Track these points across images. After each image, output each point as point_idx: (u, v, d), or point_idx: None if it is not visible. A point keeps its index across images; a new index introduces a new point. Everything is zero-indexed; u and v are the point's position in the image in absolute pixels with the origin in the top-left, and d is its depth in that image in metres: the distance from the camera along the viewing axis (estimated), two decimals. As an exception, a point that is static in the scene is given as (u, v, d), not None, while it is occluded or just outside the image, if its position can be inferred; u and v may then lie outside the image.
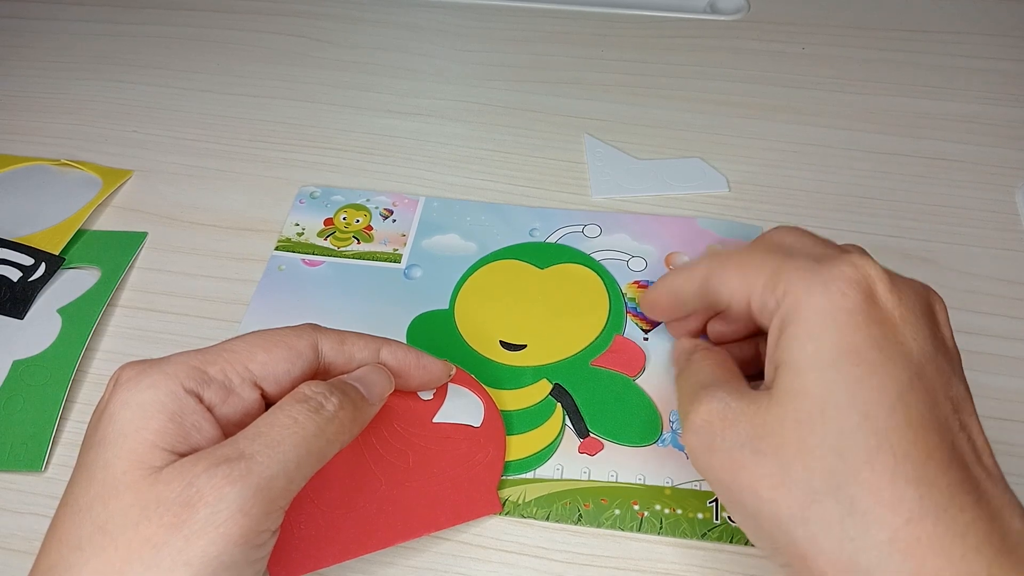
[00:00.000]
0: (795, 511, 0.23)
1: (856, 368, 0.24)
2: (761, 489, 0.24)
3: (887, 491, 0.22)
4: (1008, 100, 0.48)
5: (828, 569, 0.23)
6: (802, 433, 0.24)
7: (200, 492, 0.23)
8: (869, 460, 0.23)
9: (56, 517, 0.25)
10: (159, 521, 0.23)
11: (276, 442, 0.25)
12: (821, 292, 0.25)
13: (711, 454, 0.26)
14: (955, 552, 0.22)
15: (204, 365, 0.26)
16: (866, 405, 0.23)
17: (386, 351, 0.31)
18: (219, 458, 0.24)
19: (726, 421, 0.26)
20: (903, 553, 0.22)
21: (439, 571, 0.31)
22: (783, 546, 0.24)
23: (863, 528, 0.22)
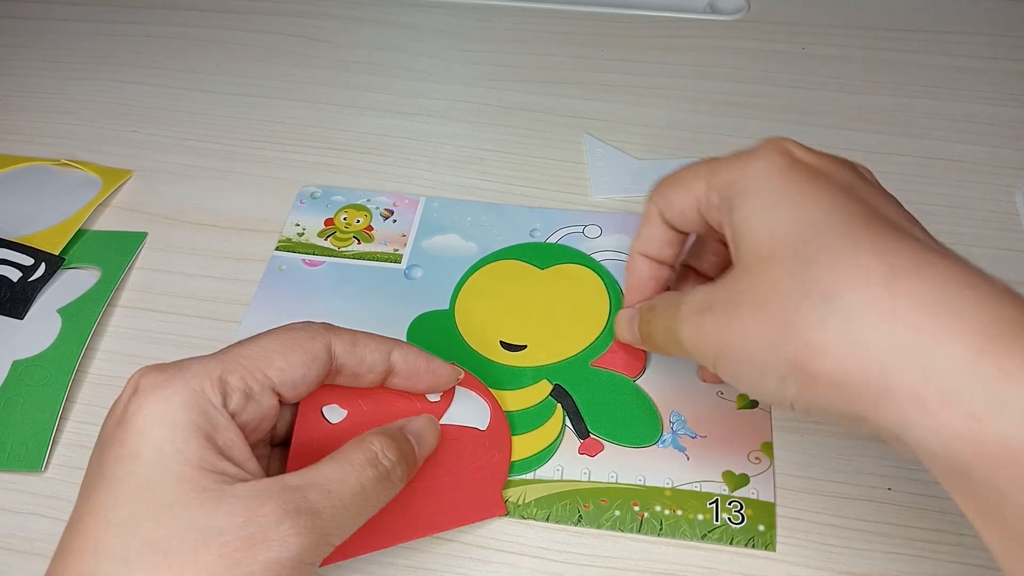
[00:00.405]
0: (781, 331, 0.24)
1: (795, 200, 0.26)
2: (750, 331, 0.25)
3: (852, 270, 0.23)
4: (1008, 100, 0.48)
5: (828, 362, 0.23)
6: (768, 269, 0.25)
7: (265, 534, 0.24)
8: (832, 250, 0.24)
9: (84, 526, 0.24)
10: (219, 550, 0.23)
11: (344, 504, 0.26)
12: (752, 165, 0.27)
13: (703, 330, 0.27)
14: (933, 295, 0.22)
15: (226, 375, 0.26)
16: (812, 216, 0.25)
17: (397, 353, 0.31)
18: (288, 505, 0.24)
19: (709, 298, 0.27)
20: (884, 312, 0.22)
21: (439, 571, 0.31)
22: (793, 373, 0.24)
23: (838, 308, 0.23)
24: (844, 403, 0.23)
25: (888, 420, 0.22)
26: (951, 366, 0.21)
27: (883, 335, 0.22)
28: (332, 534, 0.25)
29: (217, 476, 0.25)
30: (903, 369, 0.21)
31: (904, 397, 0.21)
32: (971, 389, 0.20)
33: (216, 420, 0.26)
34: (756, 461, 0.33)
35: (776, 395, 0.25)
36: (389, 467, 0.27)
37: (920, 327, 0.21)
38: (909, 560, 0.30)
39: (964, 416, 0.20)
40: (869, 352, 0.22)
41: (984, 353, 0.21)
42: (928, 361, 0.21)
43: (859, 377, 0.22)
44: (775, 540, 0.31)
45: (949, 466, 0.21)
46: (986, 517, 0.21)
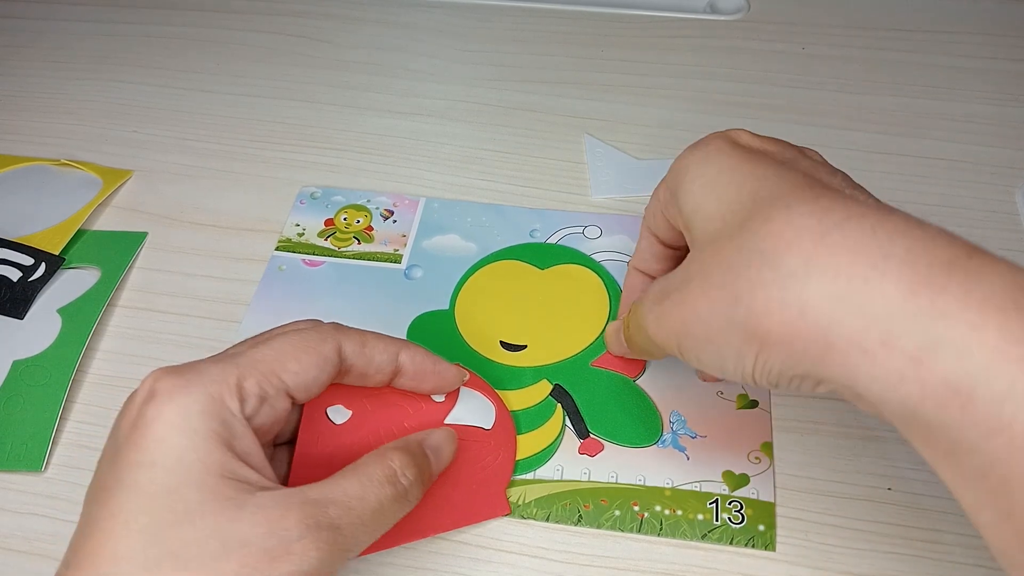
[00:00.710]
0: (729, 301, 0.24)
1: (734, 177, 0.26)
2: (701, 307, 0.25)
3: (787, 229, 0.23)
4: (1008, 100, 0.48)
5: (773, 321, 0.23)
6: (714, 244, 0.26)
7: (287, 547, 0.24)
8: (768, 216, 0.24)
9: (100, 531, 0.24)
10: (240, 560, 0.23)
11: (362, 521, 0.26)
12: (692, 153, 0.29)
13: (663, 317, 0.28)
14: (863, 243, 0.22)
15: (241, 380, 0.26)
16: (752, 188, 0.25)
17: (404, 354, 0.31)
18: (310, 519, 0.24)
19: (665, 285, 0.28)
20: (819, 265, 0.22)
21: (439, 571, 0.31)
22: (746, 341, 0.24)
23: (777, 267, 0.23)
24: (796, 364, 0.23)
25: (837, 373, 0.22)
26: (887, 310, 0.21)
27: (820, 289, 0.22)
28: (349, 549, 0.25)
29: (238, 484, 0.25)
30: (842, 319, 0.22)
31: (848, 347, 0.22)
32: (909, 331, 0.21)
33: (235, 428, 0.26)
34: (756, 461, 0.33)
35: (737, 369, 0.25)
36: (407, 486, 0.27)
37: (852, 275, 0.22)
38: (909, 560, 0.30)
39: (905, 358, 0.21)
40: (809, 308, 0.22)
41: (918, 294, 0.21)
42: (864, 308, 0.21)
43: (804, 334, 0.22)
44: (775, 540, 0.31)
45: (900, 411, 0.21)
46: (942, 459, 0.21)
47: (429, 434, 0.31)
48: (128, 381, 0.37)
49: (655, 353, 0.31)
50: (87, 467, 0.34)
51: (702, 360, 0.27)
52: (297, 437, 0.30)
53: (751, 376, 0.25)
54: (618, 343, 0.34)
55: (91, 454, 0.35)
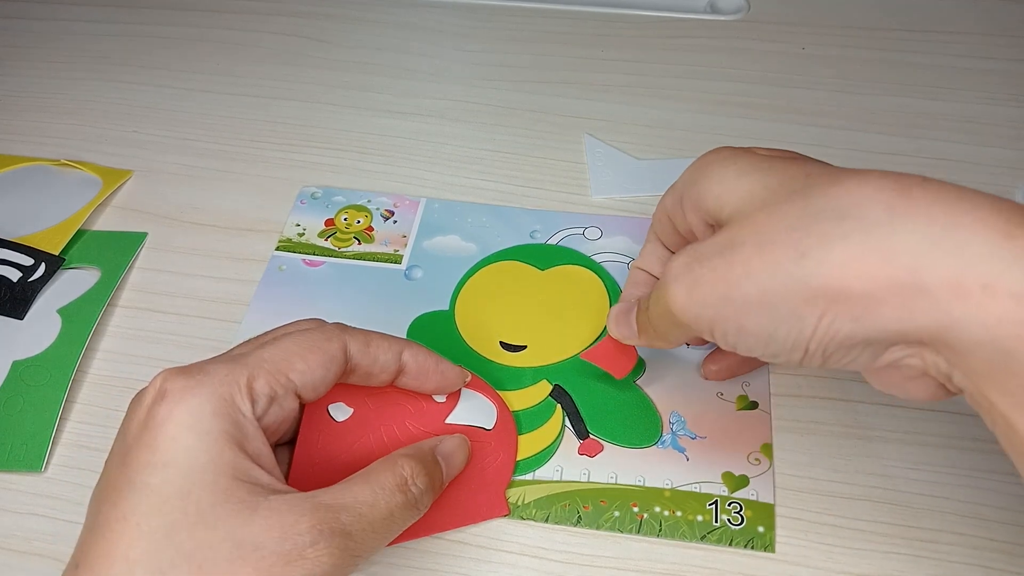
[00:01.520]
0: (794, 256, 0.23)
1: (768, 166, 0.26)
2: (756, 266, 0.24)
3: (864, 187, 0.23)
4: (1008, 100, 0.48)
5: (854, 271, 0.22)
6: (766, 209, 0.25)
7: (301, 552, 0.24)
8: (835, 182, 0.23)
9: (111, 532, 0.24)
10: (255, 564, 0.23)
11: (373, 528, 0.26)
12: (709, 155, 0.28)
13: (697, 284, 0.26)
14: (949, 196, 0.22)
15: (251, 380, 0.26)
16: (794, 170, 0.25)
17: (407, 353, 0.31)
18: (323, 525, 0.24)
19: (698, 251, 0.26)
20: (907, 213, 0.22)
21: (439, 571, 0.31)
22: (811, 301, 0.23)
23: (859, 217, 0.22)
24: (872, 320, 0.22)
25: (925, 320, 0.22)
26: (985, 251, 0.21)
27: (910, 234, 0.22)
28: (360, 556, 0.25)
29: (251, 487, 0.25)
30: (936, 263, 0.21)
31: (942, 290, 0.21)
32: (1009, 270, 0.20)
33: (246, 429, 0.26)
34: (756, 462, 0.33)
35: (789, 337, 0.24)
36: (418, 495, 0.27)
37: (947, 222, 0.21)
38: (909, 560, 0.30)
39: (1006, 297, 0.20)
40: (897, 253, 0.22)
41: (1014, 236, 0.21)
42: (962, 250, 0.21)
43: (890, 282, 0.22)
44: (774, 542, 0.31)
45: (992, 357, 0.21)
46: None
47: (442, 440, 0.31)
48: (128, 381, 0.37)
49: (672, 335, 0.29)
50: (87, 467, 0.35)
51: (744, 330, 0.25)
52: (298, 435, 0.30)
53: (805, 345, 0.24)
54: (627, 325, 0.32)
55: (91, 454, 0.35)
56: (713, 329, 0.26)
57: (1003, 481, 0.32)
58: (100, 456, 0.27)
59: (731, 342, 0.26)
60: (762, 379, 0.35)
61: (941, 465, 0.33)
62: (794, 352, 0.24)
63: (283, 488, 0.25)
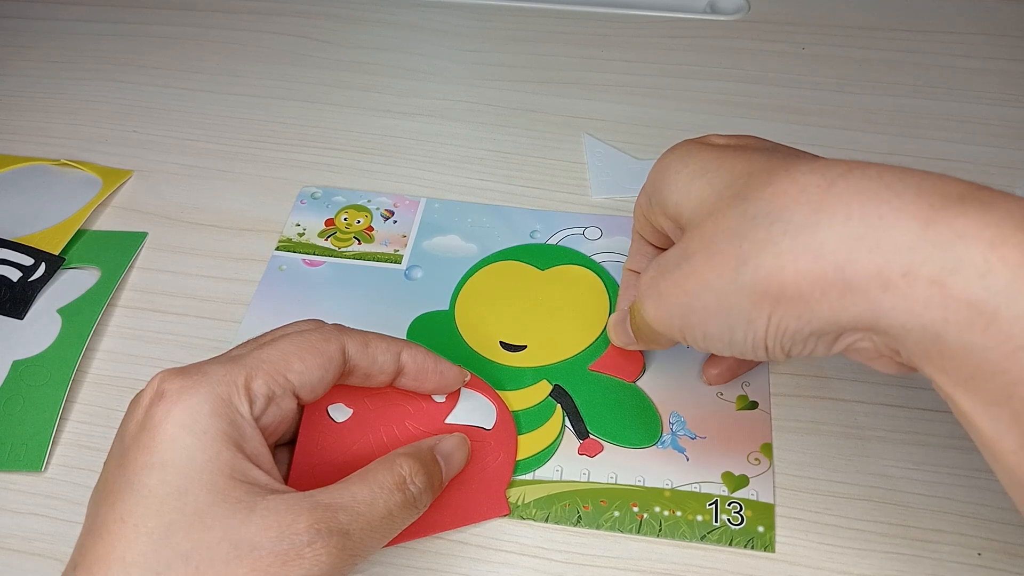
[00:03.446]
0: (736, 264, 0.24)
1: (720, 164, 0.27)
2: (706, 276, 0.25)
3: (791, 187, 0.23)
4: (1008, 100, 0.48)
5: (786, 273, 0.23)
6: (712, 217, 0.26)
7: (299, 551, 0.24)
8: (768, 182, 0.24)
9: (109, 534, 0.24)
10: (252, 564, 0.23)
11: (371, 528, 0.26)
12: (668, 156, 0.29)
13: (663, 297, 0.27)
14: (872, 187, 0.22)
15: (249, 380, 0.26)
16: (742, 168, 0.26)
17: (406, 354, 0.31)
18: (320, 524, 0.24)
19: (661, 266, 0.27)
20: (829, 211, 0.22)
21: (438, 571, 0.31)
22: (757, 303, 0.24)
23: (786, 221, 0.23)
24: (813, 316, 0.23)
25: (857, 313, 0.22)
26: (904, 240, 0.21)
27: (833, 232, 0.22)
28: (358, 555, 0.25)
29: (248, 487, 0.25)
30: (859, 257, 0.22)
31: (867, 283, 0.22)
32: (929, 257, 0.21)
33: (244, 429, 0.26)
34: (756, 462, 0.33)
35: (747, 338, 0.25)
36: (416, 494, 0.27)
37: (865, 215, 0.22)
38: (909, 560, 0.30)
39: (927, 284, 0.21)
40: (823, 252, 0.22)
41: (933, 223, 0.21)
42: (881, 242, 0.21)
43: (821, 279, 0.22)
44: (774, 542, 0.31)
45: (922, 340, 0.21)
46: (962, 385, 0.21)
47: (441, 440, 0.31)
48: (128, 381, 0.37)
49: (660, 341, 0.31)
50: (87, 467, 0.35)
51: (709, 335, 0.26)
52: (297, 435, 0.30)
53: (763, 342, 0.25)
54: (624, 333, 0.33)
55: (91, 454, 0.35)
56: (684, 336, 0.27)
57: (1003, 481, 0.32)
58: (100, 456, 0.27)
59: (701, 346, 0.27)
60: (762, 379, 0.35)
61: (941, 465, 0.33)
62: (757, 350, 0.25)
63: (281, 488, 0.25)
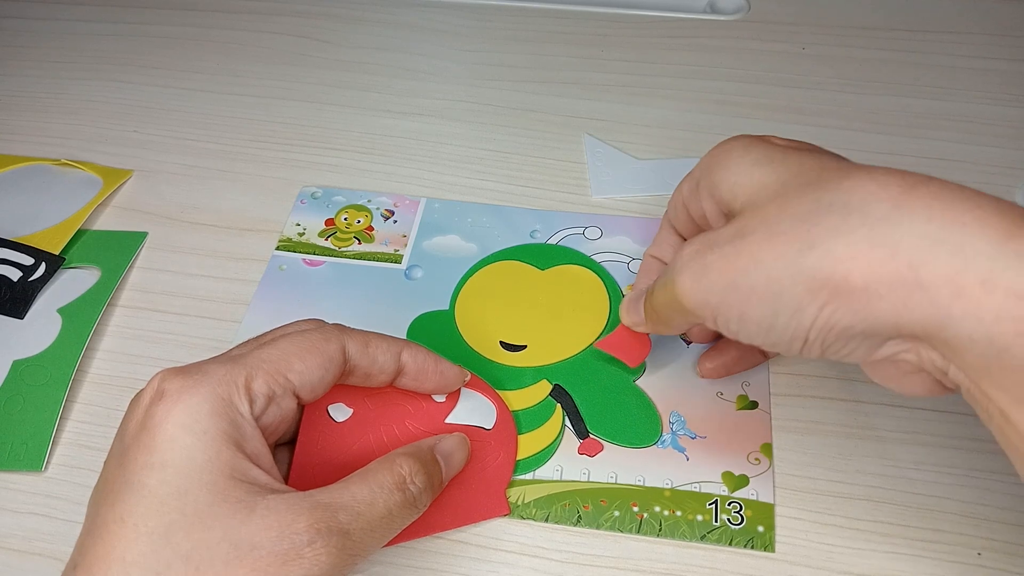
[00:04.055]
0: (800, 247, 0.23)
1: (783, 157, 0.26)
2: (763, 255, 0.24)
3: (871, 183, 0.23)
4: (1008, 100, 0.48)
5: (856, 264, 0.23)
6: (777, 200, 0.25)
7: (299, 551, 0.24)
8: (846, 175, 0.24)
9: (109, 534, 0.24)
10: (252, 564, 0.23)
11: (371, 527, 0.26)
12: (726, 144, 0.29)
13: (705, 270, 0.26)
14: (952, 195, 0.22)
15: (249, 380, 0.26)
16: (808, 162, 0.26)
17: (407, 354, 0.31)
18: (320, 524, 0.24)
19: (709, 240, 0.27)
20: (910, 210, 0.22)
21: (438, 571, 0.31)
22: (814, 291, 0.23)
23: (864, 213, 0.23)
24: (870, 313, 0.23)
25: (922, 315, 0.22)
26: (985, 250, 0.21)
27: (912, 230, 0.22)
28: (358, 555, 0.25)
29: (248, 487, 0.25)
30: (936, 260, 0.22)
31: (941, 286, 0.22)
32: (1009, 270, 0.21)
33: (244, 429, 0.26)
34: (756, 462, 0.33)
35: (789, 327, 0.24)
36: (416, 494, 0.27)
37: (947, 220, 0.22)
38: (909, 560, 0.30)
39: (1005, 295, 0.21)
40: (899, 249, 0.22)
41: (1015, 237, 0.21)
42: (962, 248, 0.21)
43: (891, 276, 0.22)
44: (774, 541, 0.31)
45: (987, 352, 0.21)
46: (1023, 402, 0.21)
47: (441, 439, 0.31)
48: (128, 381, 0.37)
49: (675, 322, 0.30)
50: (87, 467, 0.35)
51: (745, 318, 0.25)
52: (298, 435, 0.30)
53: (804, 335, 0.24)
54: (636, 312, 0.33)
55: (91, 454, 0.35)
56: (716, 316, 0.26)
57: (1003, 481, 0.32)
58: (100, 456, 0.27)
59: (733, 329, 0.26)
60: (762, 379, 0.35)
61: (941, 465, 0.33)
62: (794, 341, 0.25)
63: (281, 488, 0.25)
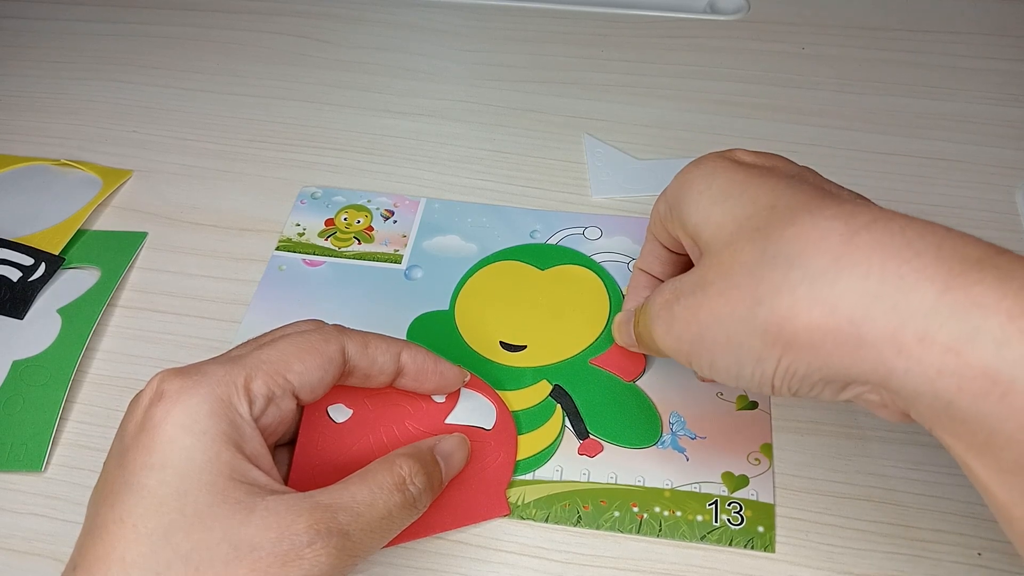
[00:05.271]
0: (751, 304, 0.24)
1: (745, 189, 0.26)
2: (720, 310, 0.25)
3: (813, 232, 0.23)
4: (1008, 100, 0.48)
5: (800, 322, 0.23)
6: (731, 247, 0.25)
7: (299, 552, 0.24)
8: (790, 221, 0.24)
9: (108, 534, 0.24)
10: (251, 565, 0.23)
11: (371, 528, 0.26)
12: (694, 169, 0.29)
13: (674, 321, 0.27)
14: (893, 243, 0.22)
15: (249, 381, 0.26)
16: (766, 198, 0.26)
17: (406, 354, 0.31)
18: (320, 525, 0.24)
19: (676, 289, 0.28)
20: (849, 263, 0.22)
21: (438, 571, 0.31)
22: (768, 344, 0.24)
23: (804, 267, 0.23)
24: (823, 366, 0.23)
25: (868, 370, 0.22)
26: (922, 305, 0.21)
27: (850, 286, 0.22)
28: (358, 555, 0.25)
29: (248, 487, 0.25)
30: (875, 316, 0.22)
31: (881, 343, 0.22)
32: (946, 324, 0.21)
33: (244, 430, 0.26)
34: (755, 462, 0.33)
35: (755, 375, 0.25)
36: (416, 494, 0.27)
37: (885, 273, 0.22)
38: (909, 560, 0.30)
39: (942, 351, 0.21)
40: (839, 305, 0.22)
41: (952, 288, 0.21)
42: (899, 304, 0.21)
43: (834, 332, 0.22)
44: (774, 542, 0.31)
45: (934, 405, 0.21)
46: (975, 451, 0.21)
47: (441, 440, 0.31)
48: (128, 381, 0.37)
49: (659, 354, 0.31)
50: (87, 467, 0.35)
51: (715, 366, 0.26)
52: (297, 436, 0.30)
53: (770, 382, 0.25)
54: (628, 335, 0.34)
55: (91, 454, 0.35)
56: (691, 361, 0.27)
57: (1003, 481, 0.32)
58: (100, 456, 0.27)
59: (707, 374, 0.27)
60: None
61: (941, 465, 0.33)
62: (763, 387, 0.25)
63: (281, 488, 0.25)
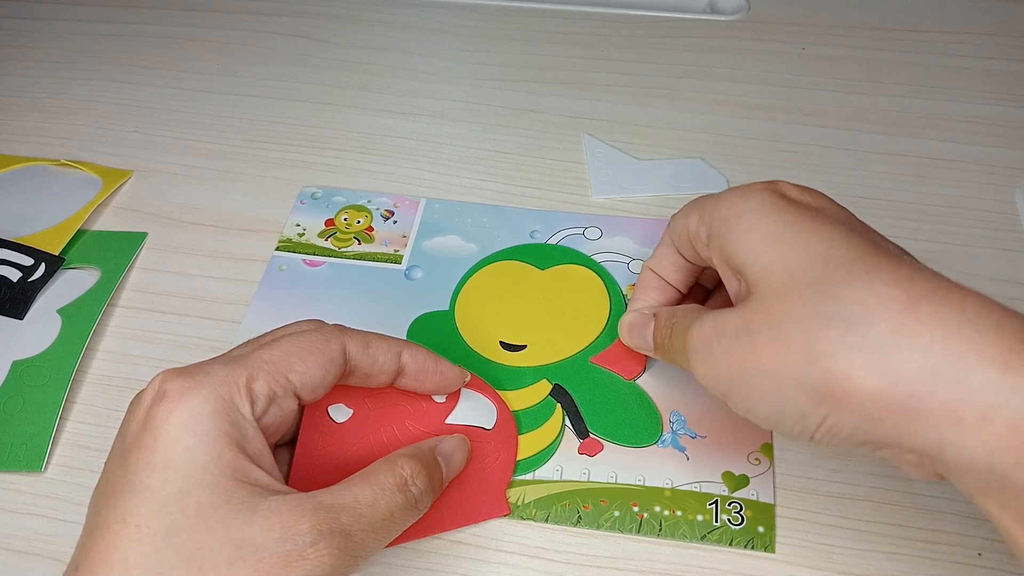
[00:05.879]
0: (802, 362, 0.24)
1: (797, 233, 0.26)
2: (767, 362, 0.25)
3: (872, 297, 0.23)
4: (1008, 100, 0.48)
5: (854, 386, 0.23)
6: (781, 299, 0.25)
7: (301, 552, 0.24)
8: (847, 281, 0.24)
9: (111, 535, 0.24)
10: (254, 565, 0.23)
11: (373, 528, 0.26)
12: (746, 200, 0.28)
13: (714, 360, 0.27)
14: (954, 319, 0.22)
15: (251, 381, 0.26)
16: (819, 248, 0.25)
17: (407, 354, 0.31)
18: (323, 525, 0.24)
19: (718, 327, 0.27)
20: (911, 335, 0.22)
21: (438, 571, 0.31)
22: (816, 403, 0.24)
23: (864, 333, 0.23)
24: (871, 428, 0.23)
25: (921, 440, 0.22)
26: (983, 384, 0.21)
27: (912, 359, 0.22)
28: (360, 555, 0.25)
29: (250, 487, 0.25)
30: (936, 391, 0.22)
31: (940, 418, 0.22)
32: (1007, 403, 0.21)
33: (246, 430, 0.26)
34: (756, 462, 0.33)
35: (795, 427, 0.25)
36: (417, 495, 0.27)
37: (947, 350, 0.22)
38: (909, 560, 0.30)
39: (1004, 429, 0.21)
40: (900, 377, 0.22)
41: (1012, 368, 0.21)
42: (960, 382, 0.22)
43: (891, 402, 0.23)
44: (774, 542, 0.31)
45: (988, 478, 0.22)
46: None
47: (442, 440, 0.31)
48: (128, 381, 0.37)
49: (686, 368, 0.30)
50: (87, 467, 0.35)
51: (753, 411, 0.26)
52: (298, 436, 0.30)
53: (810, 435, 0.25)
54: (642, 339, 0.33)
55: (91, 454, 0.35)
56: (727, 399, 0.27)
57: (1003, 481, 0.32)
58: (100, 456, 0.27)
59: (743, 414, 0.27)
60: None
61: (941, 465, 0.33)
62: (801, 438, 0.25)
63: (283, 489, 0.25)
